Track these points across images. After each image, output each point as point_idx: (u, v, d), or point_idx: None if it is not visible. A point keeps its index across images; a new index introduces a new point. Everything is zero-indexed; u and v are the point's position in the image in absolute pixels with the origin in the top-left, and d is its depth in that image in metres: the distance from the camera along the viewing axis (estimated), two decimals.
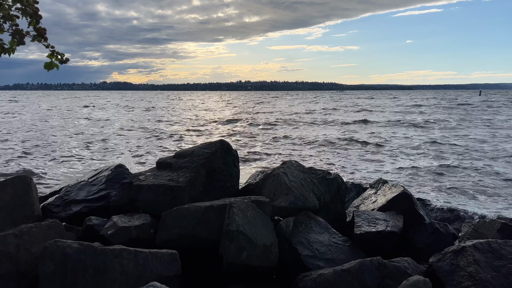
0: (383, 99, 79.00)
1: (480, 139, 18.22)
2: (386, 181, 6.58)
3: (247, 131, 23.28)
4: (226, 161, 5.70)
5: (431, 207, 6.92)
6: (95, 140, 18.71)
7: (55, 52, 2.93)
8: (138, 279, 3.59)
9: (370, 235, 4.86)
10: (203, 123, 29.42)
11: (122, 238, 4.52)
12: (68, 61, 3.00)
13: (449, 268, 3.94)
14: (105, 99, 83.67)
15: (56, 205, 5.84)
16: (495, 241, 4.06)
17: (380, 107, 49.02)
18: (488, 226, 5.14)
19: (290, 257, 4.39)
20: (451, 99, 73.50)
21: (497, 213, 7.43)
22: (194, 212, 4.45)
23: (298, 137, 19.89)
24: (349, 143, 17.63)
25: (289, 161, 5.80)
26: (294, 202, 4.89)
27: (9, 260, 3.95)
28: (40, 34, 2.85)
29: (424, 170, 11.58)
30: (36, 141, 17.90)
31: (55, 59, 2.94)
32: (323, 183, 5.68)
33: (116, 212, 5.13)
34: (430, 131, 22.36)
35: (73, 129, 24.20)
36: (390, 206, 5.59)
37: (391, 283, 3.75)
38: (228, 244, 4.01)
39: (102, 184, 6.04)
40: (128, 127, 25.92)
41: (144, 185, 5.20)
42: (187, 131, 23.89)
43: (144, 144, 17.88)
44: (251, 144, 17.89)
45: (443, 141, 17.89)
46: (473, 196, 8.76)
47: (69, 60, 3.02)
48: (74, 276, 3.53)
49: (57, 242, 3.64)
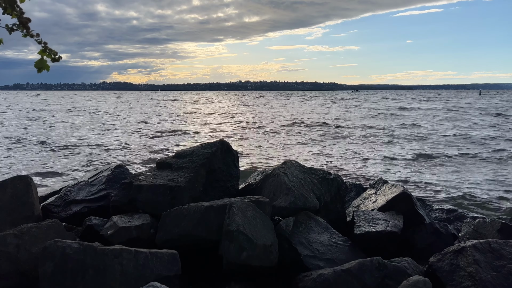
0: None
1: (480, 140, 18.23)
2: (386, 181, 6.58)
3: (247, 131, 23.27)
4: (226, 161, 5.70)
5: (431, 207, 6.91)
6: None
7: (47, 49, 2.71)
8: (138, 279, 3.59)
9: (370, 235, 4.86)
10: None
11: (122, 238, 4.52)
12: (61, 59, 2.77)
13: (449, 268, 3.94)
14: (95, 101, 72.78)
15: (56, 205, 5.84)
16: (495, 241, 4.06)
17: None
18: (488, 226, 5.14)
19: (290, 257, 4.39)
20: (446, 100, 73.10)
21: (497, 213, 7.43)
22: (194, 212, 4.45)
23: (299, 137, 19.89)
24: (350, 143, 17.63)
25: (289, 161, 5.80)
26: (294, 202, 4.89)
27: (9, 260, 3.94)
28: (22, 23, 2.55)
29: (424, 170, 11.59)
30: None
31: (47, 56, 2.71)
32: (323, 183, 5.68)
33: (116, 212, 5.13)
34: (432, 132, 22.35)
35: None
36: (390, 206, 5.60)
37: (391, 283, 3.76)
38: (228, 244, 4.01)
39: (102, 184, 6.04)
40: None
41: (144, 185, 5.20)
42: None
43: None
44: (251, 144, 17.88)
45: (444, 141, 17.90)
46: (473, 196, 8.76)
47: (61, 58, 2.78)
48: (74, 276, 3.53)
49: (57, 242, 3.64)
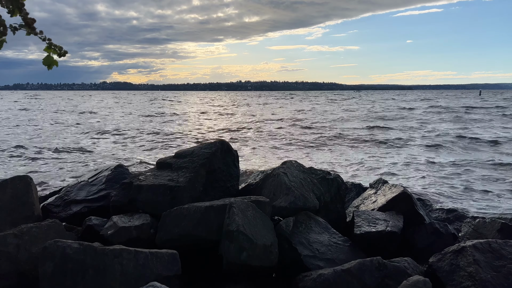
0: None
1: (480, 140, 18.23)
2: (386, 181, 6.59)
3: (248, 131, 23.27)
4: (226, 161, 5.70)
5: (431, 207, 6.92)
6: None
7: (53, 45, 2.72)
8: (138, 279, 3.59)
9: (370, 235, 4.86)
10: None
11: (122, 238, 4.52)
12: (67, 53, 2.80)
13: (449, 268, 3.94)
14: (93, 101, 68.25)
15: (56, 205, 5.84)
16: (495, 241, 4.06)
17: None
18: (488, 226, 5.15)
19: (290, 257, 4.39)
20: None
21: (497, 213, 7.43)
22: (194, 212, 4.45)
23: (298, 137, 19.89)
24: (350, 143, 17.63)
25: (289, 161, 5.80)
26: (294, 202, 4.89)
27: (9, 260, 3.95)
28: (27, 24, 2.56)
29: (424, 170, 11.59)
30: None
31: (53, 52, 2.73)
32: (323, 183, 5.68)
33: (116, 212, 5.13)
34: (432, 132, 22.35)
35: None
36: (390, 206, 5.60)
37: (391, 283, 3.76)
38: (228, 244, 4.01)
39: (102, 184, 6.04)
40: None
41: (144, 185, 5.20)
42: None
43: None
44: (251, 144, 17.88)
45: (444, 141, 17.89)
46: (473, 196, 8.76)
47: (67, 53, 2.81)
48: (74, 276, 3.53)
49: (57, 242, 3.64)
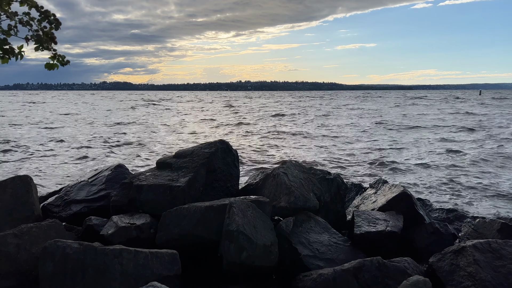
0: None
1: (479, 140, 18.23)
2: (386, 181, 6.59)
3: (248, 132, 23.26)
4: (226, 161, 5.70)
5: (431, 207, 6.91)
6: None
7: (57, 55, 2.99)
8: (138, 279, 3.59)
9: (370, 235, 4.86)
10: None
11: (122, 238, 4.52)
12: (69, 63, 3.06)
13: (449, 268, 3.94)
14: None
15: (56, 205, 5.84)
16: (495, 241, 4.06)
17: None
18: (488, 226, 5.15)
19: (290, 257, 4.39)
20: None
21: (497, 213, 7.43)
22: (194, 212, 4.45)
23: (298, 137, 19.89)
24: (350, 143, 17.64)
25: (289, 161, 5.80)
26: (294, 202, 4.89)
27: (9, 260, 3.95)
28: (51, 39, 2.89)
29: (424, 171, 11.58)
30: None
31: (57, 60, 3.00)
32: (323, 183, 5.68)
33: (116, 212, 5.13)
34: (432, 131, 22.36)
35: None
36: (390, 206, 5.60)
37: (391, 283, 3.76)
38: (228, 244, 4.01)
39: (102, 184, 6.04)
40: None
41: (144, 185, 5.20)
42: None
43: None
44: (251, 144, 17.88)
45: (444, 141, 17.90)
46: (473, 196, 8.75)
47: (69, 63, 3.07)
48: (74, 276, 3.53)
49: (57, 242, 3.64)
